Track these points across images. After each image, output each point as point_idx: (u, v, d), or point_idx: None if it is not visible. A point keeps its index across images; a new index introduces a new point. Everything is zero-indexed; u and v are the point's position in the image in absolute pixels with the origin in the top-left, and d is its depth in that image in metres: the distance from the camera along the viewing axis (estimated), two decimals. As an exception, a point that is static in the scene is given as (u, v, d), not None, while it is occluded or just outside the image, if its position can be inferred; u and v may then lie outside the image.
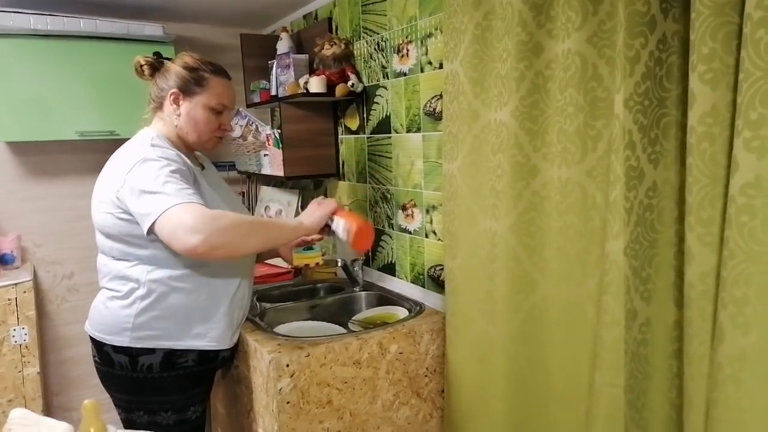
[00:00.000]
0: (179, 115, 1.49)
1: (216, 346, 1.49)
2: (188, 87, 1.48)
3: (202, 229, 1.21)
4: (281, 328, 1.68)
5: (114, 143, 2.57)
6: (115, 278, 1.44)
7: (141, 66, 1.53)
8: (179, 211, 1.24)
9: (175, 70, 1.49)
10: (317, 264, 1.67)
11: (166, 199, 1.26)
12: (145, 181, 1.30)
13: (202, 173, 1.53)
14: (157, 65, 1.52)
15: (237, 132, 2.45)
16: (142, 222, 1.30)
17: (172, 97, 1.48)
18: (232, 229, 1.27)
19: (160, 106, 1.52)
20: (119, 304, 1.42)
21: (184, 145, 1.52)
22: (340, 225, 1.50)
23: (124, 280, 1.42)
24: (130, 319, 1.41)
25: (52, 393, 2.61)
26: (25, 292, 2.22)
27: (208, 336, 1.48)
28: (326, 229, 1.53)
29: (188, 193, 1.29)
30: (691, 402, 1.03)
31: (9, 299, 2.19)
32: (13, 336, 2.20)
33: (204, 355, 1.49)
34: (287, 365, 1.45)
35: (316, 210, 1.51)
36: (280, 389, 1.45)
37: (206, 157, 1.69)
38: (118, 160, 1.43)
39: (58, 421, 1.03)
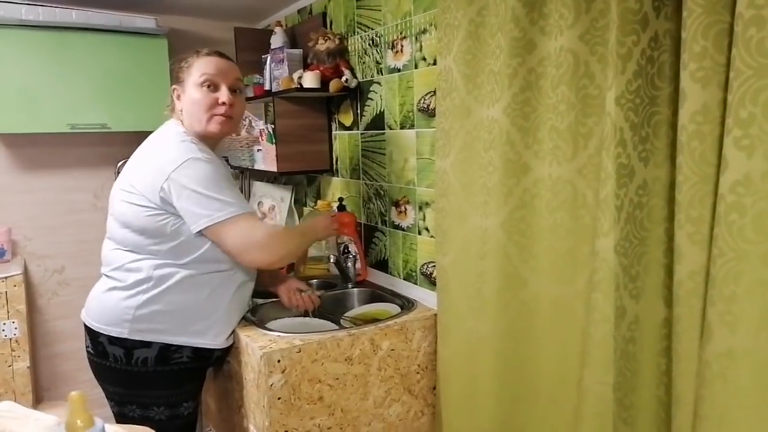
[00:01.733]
0: (182, 109, 1.50)
1: (212, 345, 1.50)
2: (179, 77, 1.51)
3: (273, 248, 1.43)
4: (273, 324, 1.67)
5: (106, 136, 2.58)
6: (120, 268, 1.44)
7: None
8: (248, 223, 1.39)
9: (174, 69, 1.54)
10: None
11: (227, 205, 1.36)
12: (200, 182, 1.35)
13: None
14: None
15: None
16: (194, 221, 1.36)
17: (175, 94, 1.52)
18: (290, 243, 1.53)
19: (173, 108, 1.55)
20: (121, 295, 1.42)
21: (203, 142, 1.51)
22: None
23: (130, 272, 1.43)
24: (130, 310, 1.41)
25: (42, 388, 2.61)
26: (15, 285, 2.21)
27: (205, 334, 1.48)
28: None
29: (246, 202, 1.43)
30: (679, 399, 1.03)
31: (-1, 293, 2.18)
32: (3, 330, 2.19)
33: (198, 352, 1.49)
34: (278, 361, 1.45)
35: (327, 227, 1.74)
36: (272, 385, 1.44)
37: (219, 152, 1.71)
38: (156, 154, 1.43)
39: (45, 414, 1.03)
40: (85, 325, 1.49)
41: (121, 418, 1.49)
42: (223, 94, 1.49)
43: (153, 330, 1.42)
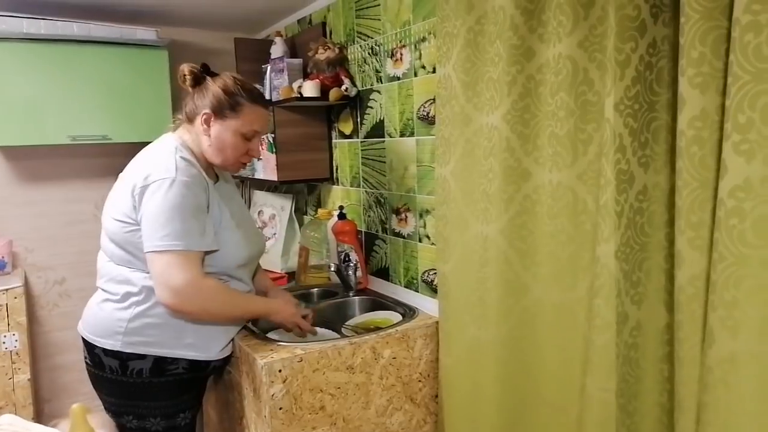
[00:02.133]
0: (208, 136, 1.48)
1: (206, 357, 1.49)
2: (222, 110, 1.47)
3: (187, 297, 1.33)
4: (274, 333, 1.67)
5: (107, 148, 2.59)
6: (112, 281, 1.44)
7: (184, 75, 1.50)
8: (175, 261, 1.32)
9: (213, 90, 1.47)
10: None
11: (171, 238, 1.31)
12: (160, 207, 1.33)
13: (216, 186, 1.53)
14: (200, 78, 1.50)
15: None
16: (144, 241, 1.34)
17: (204, 117, 1.47)
18: (217, 304, 1.41)
19: (191, 121, 1.51)
20: (114, 307, 1.42)
21: (205, 160, 1.51)
22: None
23: (122, 284, 1.42)
24: (123, 323, 1.41)
25: (43, 400, 2.59)
26: (15, 297, 2.20)
27: (199, 347, 1.47)
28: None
29: (194, 236, 1.35)
30: (682, 405, 1.03)
31: (0, 305, 2.17)
32: (4, 342, 2.19)
33: (195, 364, 1.48)
34: (280, 371, 1.44)
35: (287, 317, 1.59)
36: (273, 395, 1.44)
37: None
38: (142, 168, 1.41)
39: (46, 427, 1.03)
40: (82, 337, 1.49)
41: (118, 429, 1.49)
42: (256, 148, 1.53)
43: (145, 342, 1.42)
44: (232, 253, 1.48)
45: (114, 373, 1.43)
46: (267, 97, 2.36)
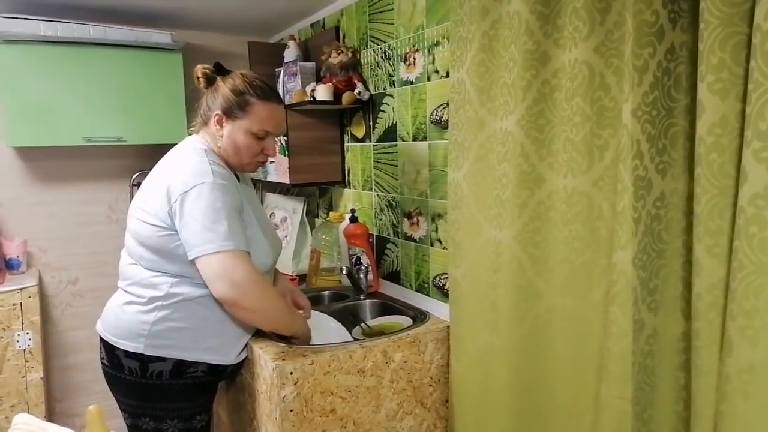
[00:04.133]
0: (221, 137, 1.48)
1: (225, 361, 1.50)
2: (232, 110, 1.47)
3: (246, 290, 1.35)
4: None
5: (121, 149, 2.61)
6: (138, 284, 1.45)
7: (198, 77, 1.52)
8: (233, 258, 1.33)
9: (222, 91, 1.47)
10: None
11: (221, 239, 1.32)
12: (202, 211, 1.33)
13: (240, 186, 1.54)
14: (212, 79, 1.51)
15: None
16: (189, 249, 1.35)
17: (216, 118, 1.48)
18: (268, 300, 1.43)
19: (206, 123, 1.52)
20: (137, 310, 1.43)
21: (225, 162, 1.51)
22: None
23: (148, 288, 1.43)
24: (146, 326, 1.41)
25: (55, 399, 2.61)
26: (30, 297, 2.23)
27: (219, 351, 1.48)
28: None
29: (240, 237, 1.37)
30: (699, 414, 1.02)
31: (14, 304, 2.20)
32: (18, 341, 2.21)
33: (214, 367, 1.49)
34: (291, 373, 1.44)
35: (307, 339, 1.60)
36: (284, 397, 1.44)
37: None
38: (171, 172, 1.41)
39: (61, 427, 1.03)
40: (101, 337, 1.50)
41: (134, 430, 1.49)
42: (271, 147, 1.51)
43: (168, 345, 1.42)
44: (259, 257, 1.47)
45: (133, 375, 1.44)
46: (280, 100, 2.37)
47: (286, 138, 2.23)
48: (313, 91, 2.12)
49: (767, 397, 0.89)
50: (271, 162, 2.41)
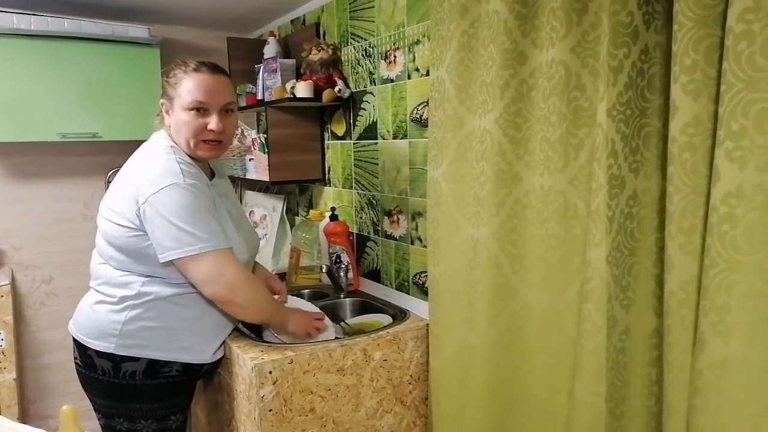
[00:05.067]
0: (170, 125, 1.46)
1: (200, 360, 1.48)
2: (168, 92, 1.46)
3: (237, 289, 1.39)
4: (270, 335, 1.65)
5: (96, 146, 2.57)
6: (108, 284, 1.42)
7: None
8: (218, 260, 1.35)
9: (163, 79, 1.48)
10: None
11: (198, 240, 1.32)
12: (174, 212, 1.31)
13: (213, 183, 1.52)
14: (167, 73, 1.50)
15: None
16: (162, 251, 1.33)
17: (163, 107, 1.47)
18: (255, 297, 1.45)
19: (162, 121, 1.51)
20: (108, 309, 1.40)
21: (189, 156, 1.46)
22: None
23: (118, 287, 1.41)
24: (117, 325, 1.39)
25: (28, 400, 2.56)
26: (2, 296, 2.18)
27: (194, 350, 1.47)
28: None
29: (222, 236, 1.37)
30: (671, 409, 1.03)
31: (-15, 303, 2.15)
32: (-11, 341, 2.16)
33: (188, 366, 1.47)
34: (270, 372, 1.43)
35: (305, 325, 1.58)
36: (263, 396, 1.43)
37: (220, 163, 1.66)
38: (139, 171, 1.39)
39: (35, 429, 1.01)
40: (74, 338, 1.47)
41: (108, 431, 1.47)
42: (213, 121, 1.41)
43: (140, 345, 1.41)
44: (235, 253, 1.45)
45: (106, 375, 1.41)
46: (259, 97, 2.35)
47: (265, 135, 2.22)
48: (293, 88, 2.11)
49: (739, 391, 0.91)
50: (250, 160, 2.39)
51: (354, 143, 2.11)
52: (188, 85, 1.41)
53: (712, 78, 0.94)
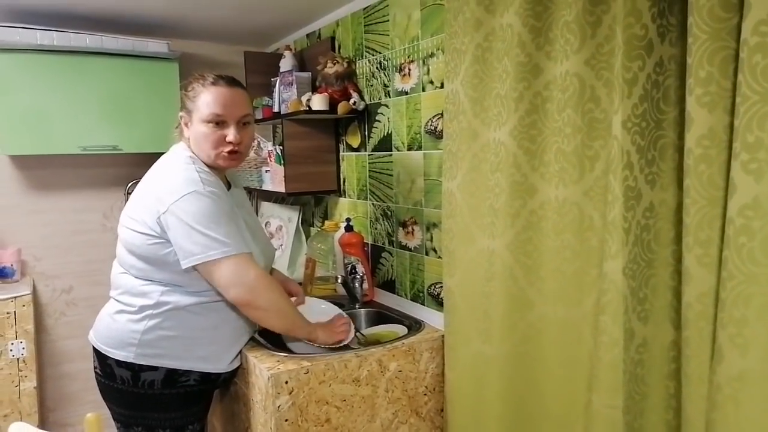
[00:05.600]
0: (189, 137, 1.50)
1: (217, 369, 1.50)
2: (186, 106, 1.49)
3: (258, 291, 1.40)
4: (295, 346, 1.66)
5: (116, 158, 2.62)
6: (128, 293, 1.45)
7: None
8: (240, 264, 1.37)
9: (181, 93, 1.52)
10: None
11: (220, 244, 1.34)
12: (196, 218, 1.34)
13: (230, 193, 1.55)
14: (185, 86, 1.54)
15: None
16: (185, 257, 1.35)
17: (182, 120, 1.51)
18: (277, 299, 1.45)
19: (182, 132, 1.54)
20: (128, 318, 1.43)
21: (208, 166, 1.50)
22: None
23: (137, 297, 1.43)
24: (137, 335, 1.41)
25: (48, 408, 2.60)
26: (24, 305, 2.22)
27: (211, 359, 1.48)
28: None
29: (241, 240, 1.40)
30: (689, 422, 1.02)
31: (8, 313, 2.19)
32: (11, 350, 2.20)
33: (206, 376, 1.49)
34: (286, 382, 1.44)
35: (334, 333, 1.60)
36: (279, 406, 1.44)
37: (236, 174, 1.69)
38: (160, 181, 1.42)
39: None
40: (94, 347, 1.50)
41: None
42: (231, 133, 1.45)
43: (159, 354, 1.42)
44: None
45: (125, 384, 1.43)
46: (275, 109, 2.38)
47: (281, 147, 2.24)
48: (308, 100, 2.13)
49: (758, 405, 0.90)
50: (266, 171, 2.42)
51: (369, 155, 2.13)
52: (206, 98, 1.44)
53: (727, 90, 0.94)
